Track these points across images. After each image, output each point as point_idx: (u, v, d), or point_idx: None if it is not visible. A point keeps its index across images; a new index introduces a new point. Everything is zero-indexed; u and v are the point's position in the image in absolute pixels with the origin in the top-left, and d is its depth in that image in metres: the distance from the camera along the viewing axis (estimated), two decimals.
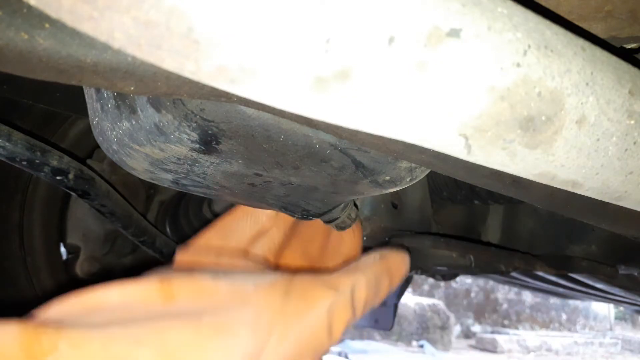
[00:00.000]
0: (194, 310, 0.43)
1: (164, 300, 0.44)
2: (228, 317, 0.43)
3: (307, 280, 0.49)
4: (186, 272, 0.47)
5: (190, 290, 0.45)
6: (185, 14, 0.18)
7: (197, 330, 0.41)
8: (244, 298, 0.45)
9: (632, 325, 8.50)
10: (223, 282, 0.46)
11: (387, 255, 0.56)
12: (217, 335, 0.42)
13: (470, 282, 7.13)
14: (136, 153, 0.41)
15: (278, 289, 0.47)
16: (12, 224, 0.97)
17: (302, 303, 0.47)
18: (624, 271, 1.15)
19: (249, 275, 0.48)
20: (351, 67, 0.20)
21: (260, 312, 0.44)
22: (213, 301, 0.44)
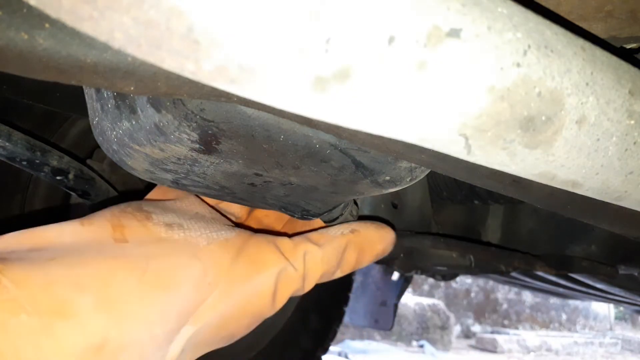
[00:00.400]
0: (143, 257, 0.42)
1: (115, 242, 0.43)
2: (174, 269, 0.43)
3: (261, 243, 0.48)
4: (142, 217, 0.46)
5: (142, 237, 0.44)
6: (185, 14, 0.18)
7: (141, 279, 0.41)
8: (194, 252, 0.45)
9: (632, 325, 8.50)
10: (177, 233, 0.45)
11: (359, 230, 0.53)
12: (159, 286, 0.41)
13: (470, 282, 7.13)
14: (136, 153, 0.41)
15: (230, 248, 0.47)
16: (12, 224, 0.97)
17: (251, 266, 0.46)
18: (624, 271, 1.15)
19: (207, 228, 0.47)
20: (351, 67, 0.20)
21: (207, 268, 0.44)
22: (163, 251, 0.43)
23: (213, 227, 0.48)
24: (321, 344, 1.52)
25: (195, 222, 0.48)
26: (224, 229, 0.48)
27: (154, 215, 0.47)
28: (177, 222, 0.47)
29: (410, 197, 1.10)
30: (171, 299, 0.42)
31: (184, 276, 0.43)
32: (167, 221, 0.46)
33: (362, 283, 2.06)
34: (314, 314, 1.49)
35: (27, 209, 0.99)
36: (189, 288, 0.43)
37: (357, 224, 0.54)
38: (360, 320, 2.07)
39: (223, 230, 0.48)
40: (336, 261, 0.52)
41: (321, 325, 1.51)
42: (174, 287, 0.42)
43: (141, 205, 0.48)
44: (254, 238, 0.49)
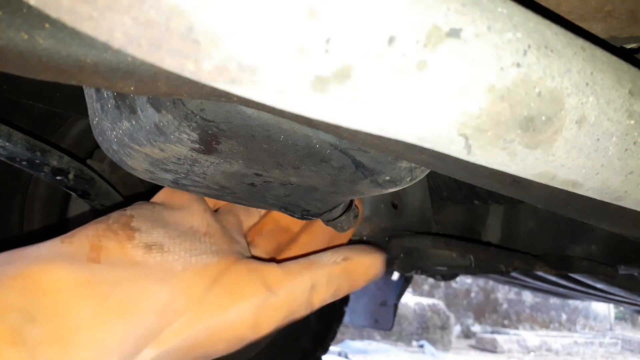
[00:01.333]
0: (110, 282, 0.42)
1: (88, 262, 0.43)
2: (139, 295, 0.43)
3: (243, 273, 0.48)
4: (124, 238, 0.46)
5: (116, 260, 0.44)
6: (185, 14, 0.18)
7: (100, 307, 0.41)
8: (166, 277, 0.45)
9: (632, 325, 8.50)
10: (153, 257, 0.45)
11: (352, 258, 0.54)
12: (118, 314, 0.41)
13: (470, 282, 7.13)
14: (136, 153, 0.41)
15: (207, 275, 0.46)
16: (12, 224, 0.97)
17: (227, 296, 0.46)
18: (624, 271, 1.15)
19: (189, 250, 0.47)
20: (351, 66, 0.20)
21: (176, 296, 0.44)
22: (133, 276, 0.44)
23: (195, 250, 0.48)
24: (321, 344, 1.52)
25: (179, 243, 0.48)
26: (206, 253, 0.48)
27: (137, 235, 0.47)
28: (159, 242, 0.47)
29: (410, 197, 1.10)
30: (131, 325, 0.42)
31: (148, 302, 0.43)
32: (148, 242, 0.46)
33: None
34: (314, 314, 1.48)
35: (27, 209, 0.99)
36: (151, 314, 0.43)
37: (349, 251, 0.55)
38: (360, 320, 2.07)
39: (205, 254, 0.48)
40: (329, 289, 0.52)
41: (321, 325, 1.51)
42: (135, 314, 0.42)
43: (131, 220, 0.48)
44: (236, 266, 0.49)
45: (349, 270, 0.53)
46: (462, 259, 1.13)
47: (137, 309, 0.42)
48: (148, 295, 0.43)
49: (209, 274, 0.47)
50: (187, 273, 0.46)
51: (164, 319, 0.44)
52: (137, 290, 0.43)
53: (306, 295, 0.50)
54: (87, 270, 0.43)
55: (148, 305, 0.43)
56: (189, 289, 0.45)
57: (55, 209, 1.03)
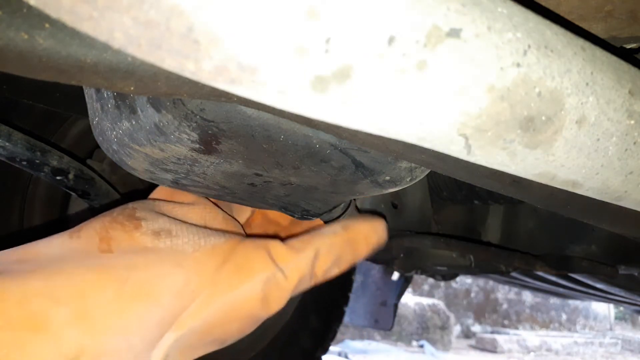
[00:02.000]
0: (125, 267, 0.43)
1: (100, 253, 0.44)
2: (155, 279, 0.43)
3: (250, 250, 0.49)
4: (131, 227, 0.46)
5: (127, 247, 0.45)
6: (185, 14, 0.18)
7: (119, 292, 0.41)
8: (178, 261, 0.45)
9: (632, 325, 8.50)
10: (163, 242, 0.46)
11: (351, 226, 0.54)
12: (137, 298, 0.42)
13: (470, 282, 7.13)
14: (136, 153, 0.41)
15: (216, 255, 0.47)
16: (12, 224, 0.97)
17: (237, 274, 0.47)
18: (624, 271, 1.15)
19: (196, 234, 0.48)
20: (351, 66, 0.20)
21: (190, 276, 0.45)
22: (146, 261, 0.44)
23: (202, 233, 0.48)
24: (321, 344, 1.52)
25: (185, 228, 0.48)
26: (213, 235, 0.48)
27: (143, 223, 0.47)
28: (166, 228, 0.47)
29: (410, 197, 1.10)
30: (151, 308, 0.42)
31: (165, 285, 0.43)
32: (155, 228, 0.47)
33: (362, 283, 2.06)
34: (314, 314, 1.49)
35: (27, 209, 0.99)
36: (170, 297, 0.43)
37: (348, 220, 0.55)
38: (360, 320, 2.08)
39: (212, 236, 0.48)
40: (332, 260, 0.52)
41: (321, 325, 1.51)
42: (154, 297, 0.42)
43: (135, 212, 0.48)
44: (243, 244, 0.49)
45: (349, 239, 0.53)
46: (462, 259, 1.13)
47: (155, 292, 0.43)
48: (164, 279, 0.44)
49: (218, 253, 0.47)
50: (198, 254, 0.46)
51: (181, 301, 0.44)
52: (153, 274, 0.43)
53: (310, 266, 0.51)
54: (101, 259, 0.43)
55: (165, 288, 0.43)
56: (201, 270, 0.45)
57: (55, 209, 1.03)
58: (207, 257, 0.46)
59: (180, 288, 0.44)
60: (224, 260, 0.47)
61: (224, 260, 0.47)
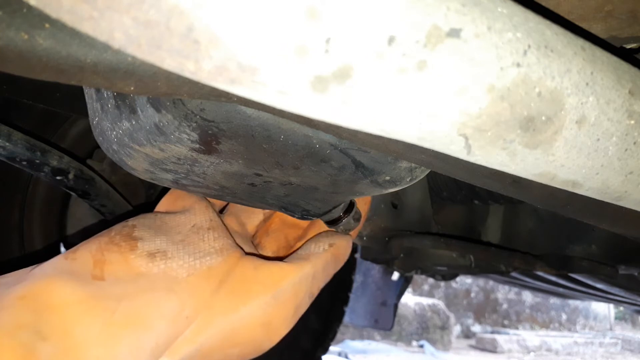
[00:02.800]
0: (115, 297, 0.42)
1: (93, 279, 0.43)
2: (147, 306, 0.43)
3: (249, 271, 0.48)
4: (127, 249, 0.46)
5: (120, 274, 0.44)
6: (185, 14, 0.18)
7: (108, 322, 0.41)
8: (172, 285, 0.45)
9: (632, 325, 8.50)
10: (157, 266, 0.45)
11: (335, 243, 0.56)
12: (128, 327, 0.41)
13: (470, 282, 7.13)
14: (136, 153, 0.41)
15: (213, 277, 0.46)
16: (12, 224, 0.97)
17: (235, 297, 0.46)
18: (624, 271, 1.15)
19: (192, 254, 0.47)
20: (351, 67, 0.20)
21: (185, 302, 0.44)
22: (139, 288, 0.44)
23: (199, 253, 0.48)
24: (321, 344, 1.52)
25: (182, 247, 0.48)
26: (210, 254, 0.48)
27: (139, 244, 0.47)
28: (162, 249, 0.47)
29: (410, 197, 1.10)
30: (142, 336, 0.42)
31: (157, 313, 0.43)
32: (151, 250, 0.46)
33: (362, 283, 2.06)
34: (314, 314, 1.49)
35: (27, 208, 0.99)
36: (163, 324, 0.43)
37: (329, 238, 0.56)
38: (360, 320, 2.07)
39: (209, 255, 0.48)
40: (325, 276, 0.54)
41: (321, 325, 1.51)
42: (146, 325, 0.42)
43: (133, 230, 0.48)
44: (242, 264, 0.49)
45: (335, 255, 0.55)
46: (462, 259, 1.13)
47: (145, 320, 0.42)
48: (156, 306, 0.43)
49: (214, 275, 0.46)
50: (192, 278, 0.46)
51: (176, 327, 0.43)
52: (143, 303, 0.43)
53: (310, 284, 0.51)
54: (91, 287, 0.43)
55: (158, 315, 0.43)
56: (196, 295, 0.45)
57: (55, 209, 1.03)
58: (202, 280, 0.46)
59: (175, 314, 0.44)
60: (222, 281, 0.46)
61: (222, 282, 0.46)
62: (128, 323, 0.42)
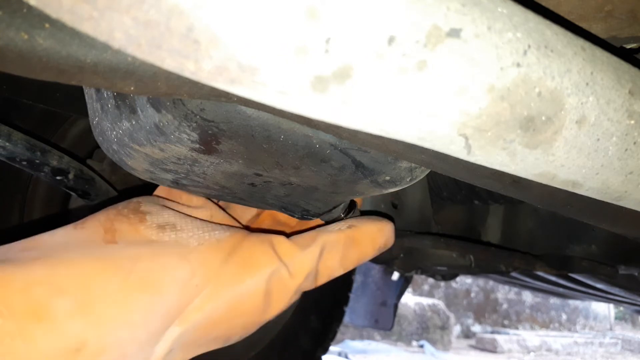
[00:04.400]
0: (130, 258, 0.42)
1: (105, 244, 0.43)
2: (160, 271, 0.43)
3: (255, 244, 0.48)
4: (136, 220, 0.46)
5: (132, 239, 0.44)
6: (185, 14, 0.18)
7: (124, 282, 0.41)
8: (183, 254, 0.45)
9: (632, 325, 8.50)
10: (168, 235, 0.46)
11: (357, 225, 0.53)
12: (142, 289, 0.41)
13: (470, 282, 7.13)
14: (136, 153, 0.41)
15: (221, 249, 0.47)
16: (12, 224, 0.97)
17: (241, 268, 0.46)
18: (624, 271, 1.15)
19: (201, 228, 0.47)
20: (351, 67, 0.20)
21: (195, 270, 0.44)
22: (151, 253, 0.44)
23: (207, 227, 0.48)
24: (321, 344, 1.52)
25: (190, 222, 0.48)
26: (218, 229, 0.48)
27: (148, 217, 0.47)
28: (170, 222, 0.47)
29: (410, 197, 1.10)
30: (155, 300, 0.42)
31: (170, 278, 0.43)
32: (160, 222, 0.47)
33: (362, 283, 2.06)
34: (314, 314, 1.49)
35: (27, 208, 0.99)
36: (174, 290, 0.43)
37: (354, 220, 0.54)
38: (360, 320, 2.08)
39: (217, 230, 0.48)
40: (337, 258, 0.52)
41: (321, 325, 1.51)
42: (159, 289, 0.42)
43: (139, 205, 0.48)
44: (249, 238, 0.49)
45: (354, 238, 0.52)
46: (462, 259, 1.13)
47: (159, 284, 0.42)
48: (169, 271, 0.43)
49: (223, 247, 0.47)
50: (203, 247, 0.46)
51: (186, 294, 0.44)
52: (158, 266, 0.43)
53: (315, 263, 0.50)
54: (106, 249, 0.43)
55: (170, 281, 0.43)
56: (206, 263, 0.45)
57: (55, 209, 1.03)
58: (212, 250, 0.46)
59: (185, 281, 0.44)
60: (229, 254, 0.47)
61: (229, 254, 0.47)
62: (143, 285, 0.42)
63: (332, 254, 0.51)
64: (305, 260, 0.49)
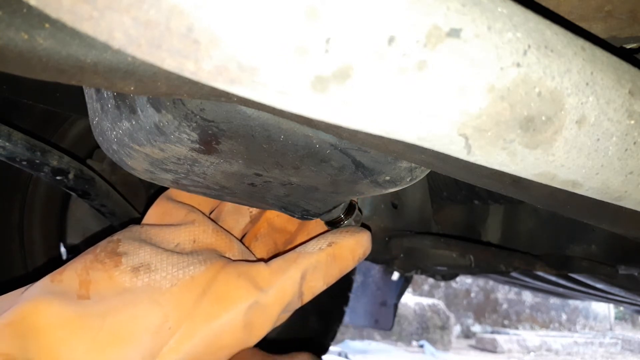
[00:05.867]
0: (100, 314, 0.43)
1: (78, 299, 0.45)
2: (131, 321, 0.44)
3: (231, 277, 0.48)
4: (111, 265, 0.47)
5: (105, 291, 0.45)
6: (185, 14, 0.18)
7: (95, 340, 0.42)
8: (156, 297, 0.45)
9: (632, 325, 8.50)
10: (141, 279, 0.46)
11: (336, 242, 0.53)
12: (112, 344, 0.43)
13: (470, 282, 7.13)
14: (136, 153, 0.41)
15: (195, 287, 0.47)
16: (12, 224, 0.97)
17: (216, 304, 0.47)
18: (624, 271, 1.15)
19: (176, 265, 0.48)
20: (351, 66, 0.20)
21: (168, 314, 0.45)
22: (123, 303, 0.45)
23: (182, 263, 0.48)
24: (321, 344, 1.52)
25: (165, 259, 0.48)
26: (193, 264, 0.48)
27: (123, 259, 0.48)
28: (146, 262, 0.48)
29: (410, 197, 1.10)
30: (129, 351, 0.43)
31: (141, 327, 0.44)
32: (135, 264, 0.47)
33: (362, 283, 2.06)
34: (314, 314, 1.49)
35: (27, 208, 0.99)
36: (147, 337, 0.44)
37: (333, 236, 0.54)
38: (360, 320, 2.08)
39: (192, 265, 0.48)
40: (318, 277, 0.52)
41: (321, 325, 1.52)
42: (130, 340, 0.43)
43: (118, 246, 0.49)
44: (224, 271, 0.49)
45: (335, 255, 0.53)
46: (462, 259, 1.13)
47: (130, 334, 0.43)
48: (140, 320, 0.44)
49: (197, 285, 0.47)
50: (175, 289, 0.46)
51: (160, 339, 0.44)
52: (128, 317, 0.44)
53: (297, 287, 0.50)
54: (77, 307, 0.44)
55: (141, 329, 0.44)
56: (179, 305, 0.46)
57: (55, 209, 1.03)
58: (185, 290, 0.47)
59: (158, 327, 0.44)
60: (204, 290, 0.47)
61: (204, 291, 0.47)
62: (113, 339, 0.43)
63: (314, 275, 0.52)
64: (286, 285, 0.49)
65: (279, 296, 0.49)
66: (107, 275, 0.46)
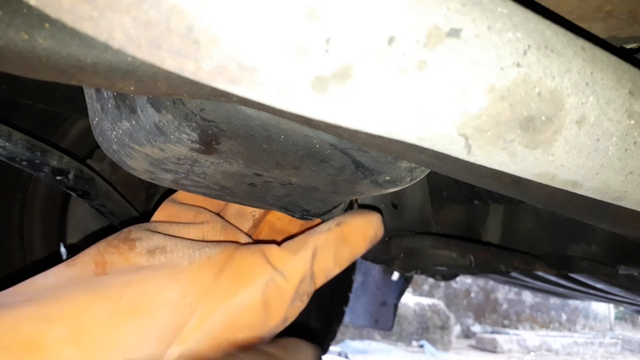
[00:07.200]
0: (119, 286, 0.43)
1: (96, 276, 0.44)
2: (150, 295, 0.44)
3: (246, 256, 0.49)
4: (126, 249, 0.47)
5: (122, 268, 0.45)
6: (185, 14, 0.18)
7: (114, 309, 0.42)
8: (173, 275, 0.45)
9: (632, 325, 8.49)
10: (158, 259, 0.46)
11: (345, 222, 0.53)
12: (132, 314, 0.42)
13: (470, 282, 7.13)
14: (136, 153, 0.41)
15: (212, 265, 0.47)
16: (12, 224, 0.97)
17: (234, 282, 0.47)
18: (624, 271, 1.15)
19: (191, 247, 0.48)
20: (351, 66, 0.20)
21: (187, 290, 0.45)
22: (141, 278, 0.44)
23: (197, 245, 0.49)
24: (321, 344, 1.52)
25: (180, 242, 0.48)
26: (208, 246, 0.49)
27: (137, 243, 0.47)
28: (160, 245, 0.48)
29: (410, 197, 1.10)
30: (147, 323, 0.43)
31: (160, 300, 0.44)
32: (150, 247, 0.47)
33: (362, 283, 2.06)
34: (314, 314, 1.49)
35: (27, 208, 0.99)
36: (167, 311, 0.44)
37: (342, 217, 0.54)
38: (360, 320, 2.08)
39: (207, 247, 0.48)
40: (331, 257, 0.52)
41: (321, 325, 1.51)
42: (150, 312, 0.43)
43: (129, 234, 0.49)
44: (239, 251, 0.49)
45: (345, 235, 0.53)
46: (462, 259, 1.13)
47: (150, 307, 0.43)
48: (160, 293, 0.44)
49: (214, 263, 0.47)
50: (193, 266, 0.46)
51: (180, 315, 0.44)
52: (147, 290, 0.44)
53: (308, 266, 0.50)
54: (96, 281, 0.43)
55: (161, 303, 0.44)
56: (198, 281, 0.46)
57: (55, 209, 1.03)
58: (202, 268, 0.47)
59: (178, 301, 0.44)
60: (220, 269, 0.47)
61: (221, 270, 0.47)
62: (134, 310, 0.42)
63: (325, 254, 0.51)
64: (298, 263, 0.49)
65: (292, 275, 0.49)
66: (123, 257, 0.46)
